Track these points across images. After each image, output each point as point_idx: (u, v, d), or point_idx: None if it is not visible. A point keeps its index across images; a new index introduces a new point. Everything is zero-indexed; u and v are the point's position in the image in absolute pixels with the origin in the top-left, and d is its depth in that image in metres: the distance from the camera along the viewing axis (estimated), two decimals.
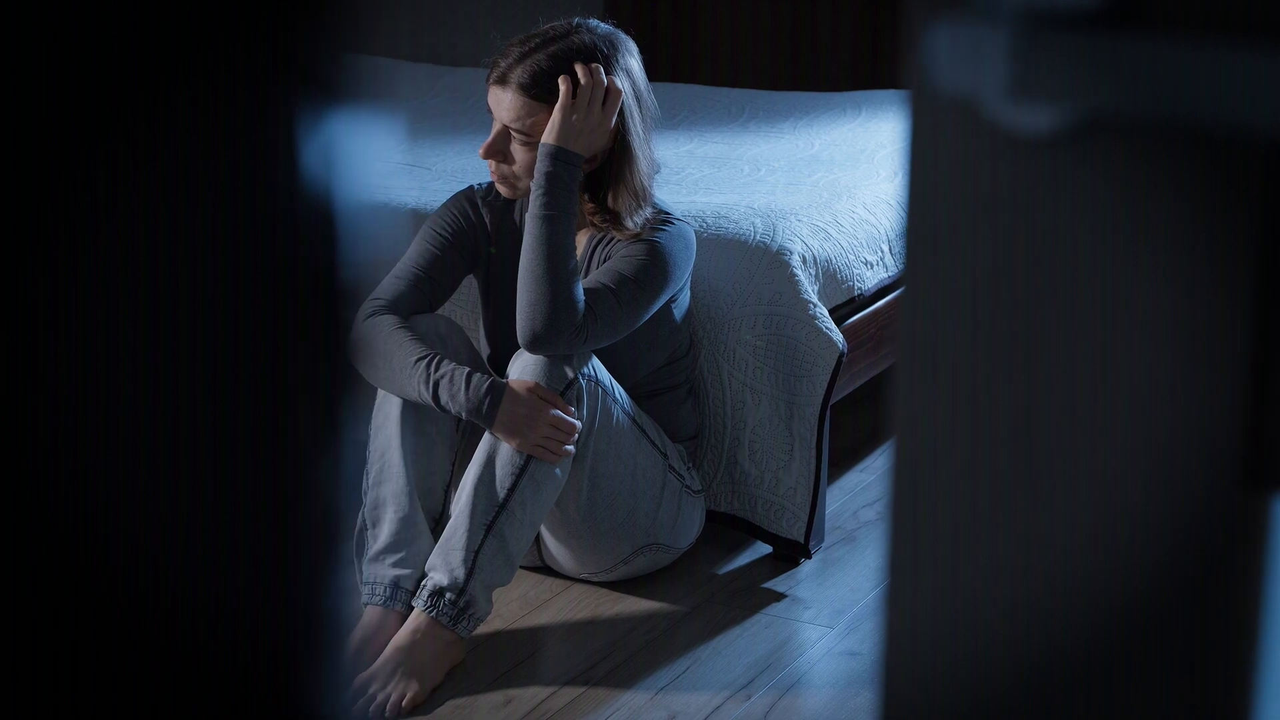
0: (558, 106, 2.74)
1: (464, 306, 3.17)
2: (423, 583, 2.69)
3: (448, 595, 2.66)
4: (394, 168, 3.67)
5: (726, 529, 3.16)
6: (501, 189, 2.86)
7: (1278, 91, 0.72)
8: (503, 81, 2.80)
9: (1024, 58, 0.75)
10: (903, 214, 0.81)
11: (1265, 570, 0.78)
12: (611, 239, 2.86)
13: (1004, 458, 0.81)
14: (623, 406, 2.84)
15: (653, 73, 4.95)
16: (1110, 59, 0.74)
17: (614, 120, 2.79)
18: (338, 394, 0.45)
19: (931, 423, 0.81)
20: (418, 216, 3.23)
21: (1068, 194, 0.78)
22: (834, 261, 3.17)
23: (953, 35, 0.76)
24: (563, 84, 2.75)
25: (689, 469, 2.99)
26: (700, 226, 3.12)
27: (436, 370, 2.70)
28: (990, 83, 0.76)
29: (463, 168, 3.63)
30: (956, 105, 0.79)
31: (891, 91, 4.31)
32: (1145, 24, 0.75)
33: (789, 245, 3.07)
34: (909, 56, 0.78)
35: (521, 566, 3.01)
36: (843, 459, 3.56)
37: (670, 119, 4.01)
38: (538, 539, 2.95)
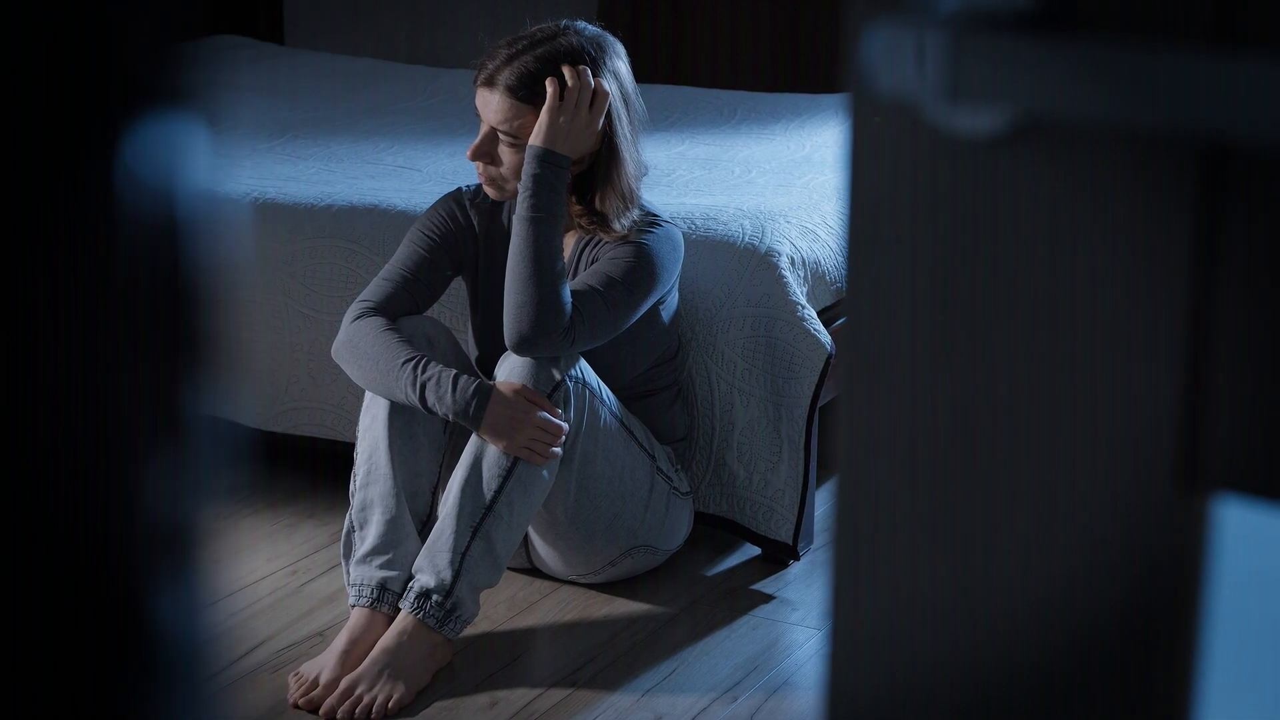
0: (545, 108, 2.75)
1: (452, 308, 3.17)
2: (409, 584, 2.69)
3: (434, 597, 2.66)
4: (384, 169, 3.67)
5: (715, 531, 3.16)
6: (489, 191, 2.86)
7: (1211, 93, 0.72)
8: (490, 83, 2.80)
9: (960, 60, 0.75)
10: (844, 216, 0.82)
11: (1205, 571, 0.78)
12: (599, 241, 2.86)
13: (946, 458, 0.81)
14: (610, 408, 2.84)
15: (646, 74, 4.96)
16: (1046, 61, 0.74)
17: (601, 122, 2.79)
18: (175, 397, 0.45)
19: (875, 424, 0.82)
20: (407, 218, 3.23)
21: (1007, 195, 0.78)
22: (822, 263, 3.18)
23: (890, 37, 0.76)
24: (550, 86, 2.75)
25: (677, 471, 2.99)
26: (689, 228, 3.12)
27: (423, 372, 2.71)
28: (928, 85, 0.76)
29: (454, 169, 3.64)
30: (896, 107, 0.79)
31: None
32: (1080, 26, 0.75)
33: (778, 247, 3.07)
34: (848, 59, 0.79)
35: (510, 568, 3.01)
36: (831, 461, 3.55)
37: (662, 120, 4.01)
38: (526, 541, 2.95)
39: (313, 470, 3.42)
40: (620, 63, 2.85)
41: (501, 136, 2.80)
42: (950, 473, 0.81)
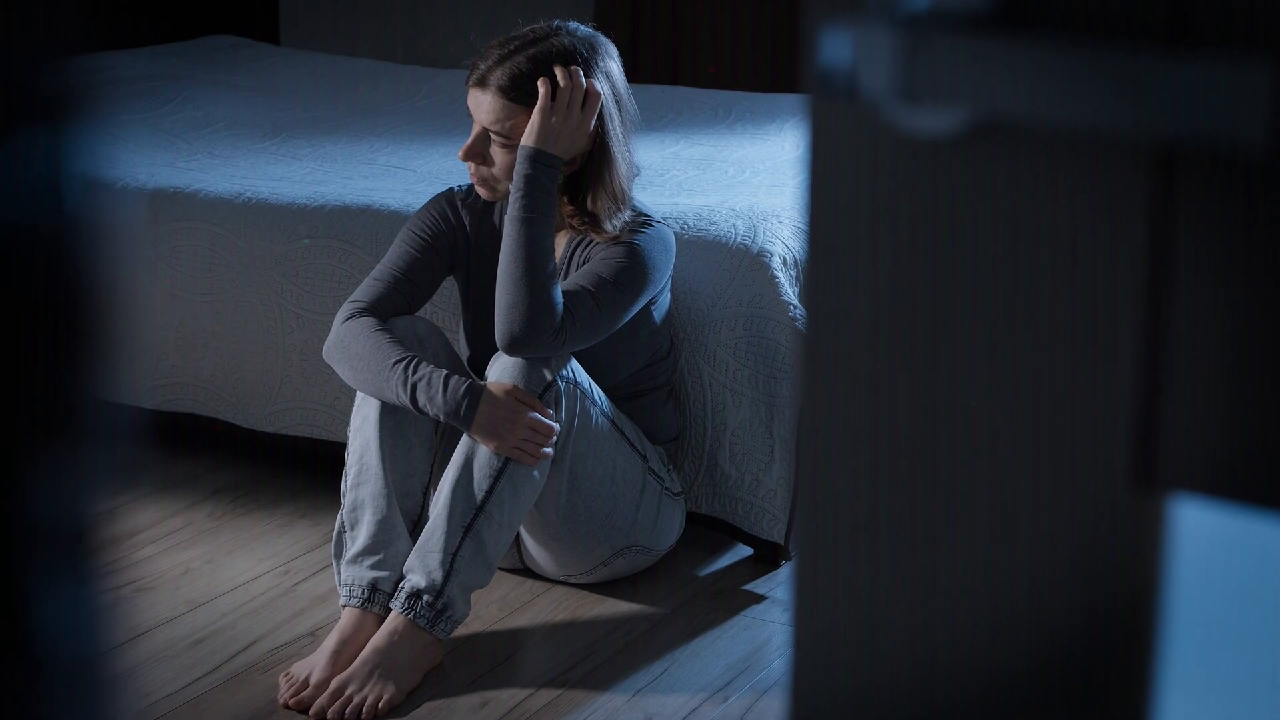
0: (537, 109, 2.75)
1: (444, 308, 3.18)
2: (400, 585, 2.69)
3: (425, 597, 2.66)
4: (378, 170, 3.67)
5: (707, 531, 3.16)
6: (481, 191, 2.86)
7: (1165, 94, 0.72)
8: (482, 84, 2.80)
9: (917, 60, 0.75)
10: (804, 216, 0.82)
11: (1163, 572, 0.78)
12: (591, 241, 2.86)
13: (905, 459, 0.81)
14: (601, 409, 2.84)
15: (642, 75, 4.97)
16: (1002, 62, 0.74)
17: (593, 123, 2.79)
18: (63, 393, 0.44)
19: (834, 425, 0.82)
20: (401, 219, 3.23)
21: (964, 196, 0.78)
22: None
23: (848, 37, 0.76)
24: (542, 86, 2.75)
25: (669, 471, 2.99)
26: (681, 228, 3.12)
27: (414, 373, 2.71)
28: (886, 85, 0.76)
29: (448, 169, 3.64)
30: (854, 107, 0.79)
31: None
32: (1035, 27, 0.75)
33: (770, 247, 3.07)
34: (807, 59, 0.79)
35: (501, 568, 3.01)
36: None
37: (657, 121, 4.01)
38: (518, 541, 2.95)
39: (305, 470, 3.43)
40: (612, 63, 2.85)
41: (493, 137, 2.80)
42: (909, 474, 0.81)
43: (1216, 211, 0.73)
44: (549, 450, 2.73)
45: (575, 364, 2.81)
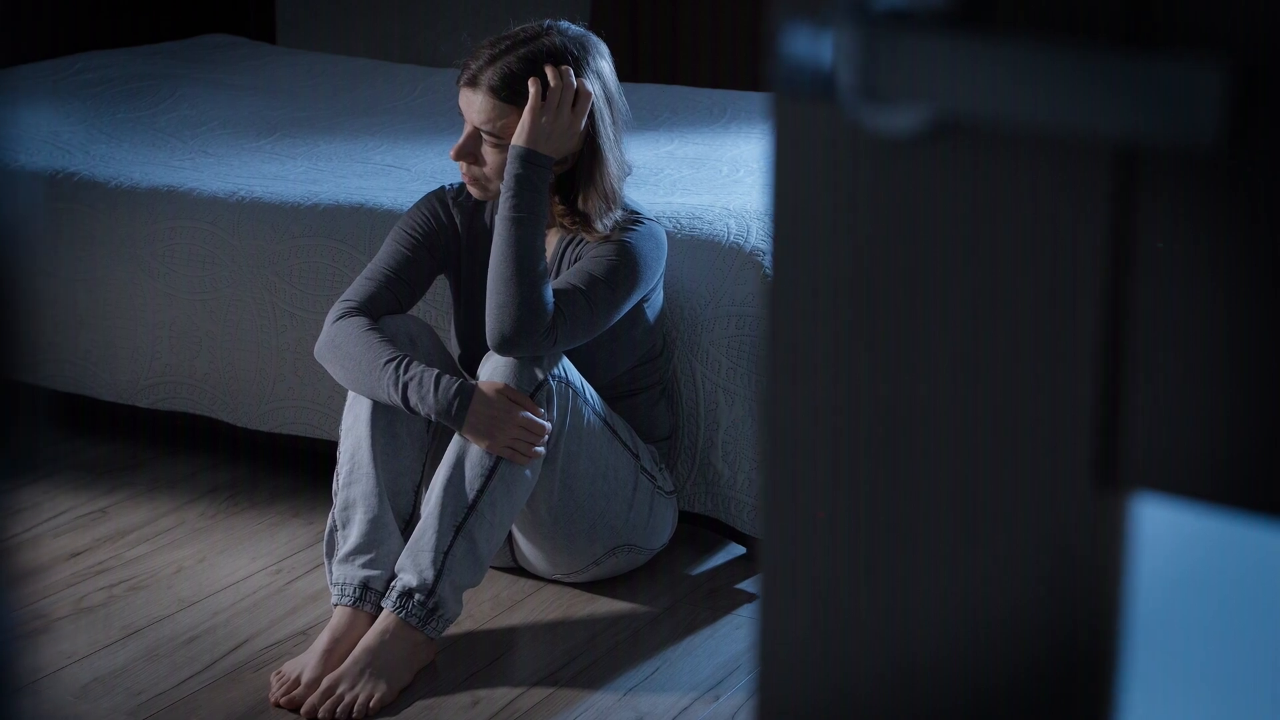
0: (527, 109, 2.75)
1: (436, 306, 3.18)
2: (392, 584, 2.70)
3: (417, 596, 2.66)
4: (372, 168, 3.68)
5: (699, 530, 3.16)
6: (473, 191, 2.87)
7: (1125, 93, 0.72)
8: (473, 84, 2.80)
9: (878, 59, 0.75)
10: (768, 215, 0.82)
11: (1125, 569, 0.78)
12: (582, 240, 2.86)
13: (867, 457, 0.81)
14: (594, 407, 2.84)
15: (637, 74, 4.97)
16: (963, 60, 0.74)
17: (584, 122, 2.79)
18: None
19: (797, 424, 0.82)
20: (394, 217, 3.23)
21: (927, 194, 0.78)
22: None
23: (810, 36, 0.76)
24: (532, 86, 2.75)
25: (661, 470, 2.99)
26: (674, 227, 3.12)
27: (406, 372, 2.71)
28: (849, 84, 0.76)
29: (442, 168, 3.64)
30: (817, 106, 0.79)
31: None
32: (996, 26, 0.76)
33: (763, 246, 3.07)
34: (769, 57, 0.79)
35: (494, 567, 3.01)
36: None
37: (652, 120, 4.01)
38: (510, 540, 2.95)
39: (298, 469, 3.43)
40: (603, 62, 2.85)
41: (485, 136, 2.80)
42: (873, 472, 0.81)
43: (1176, 209, 0.73)
44: (541, 449, 2.73)
45: (567, 363, 2.81)
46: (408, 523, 2.79)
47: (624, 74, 2.91)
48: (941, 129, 0.77)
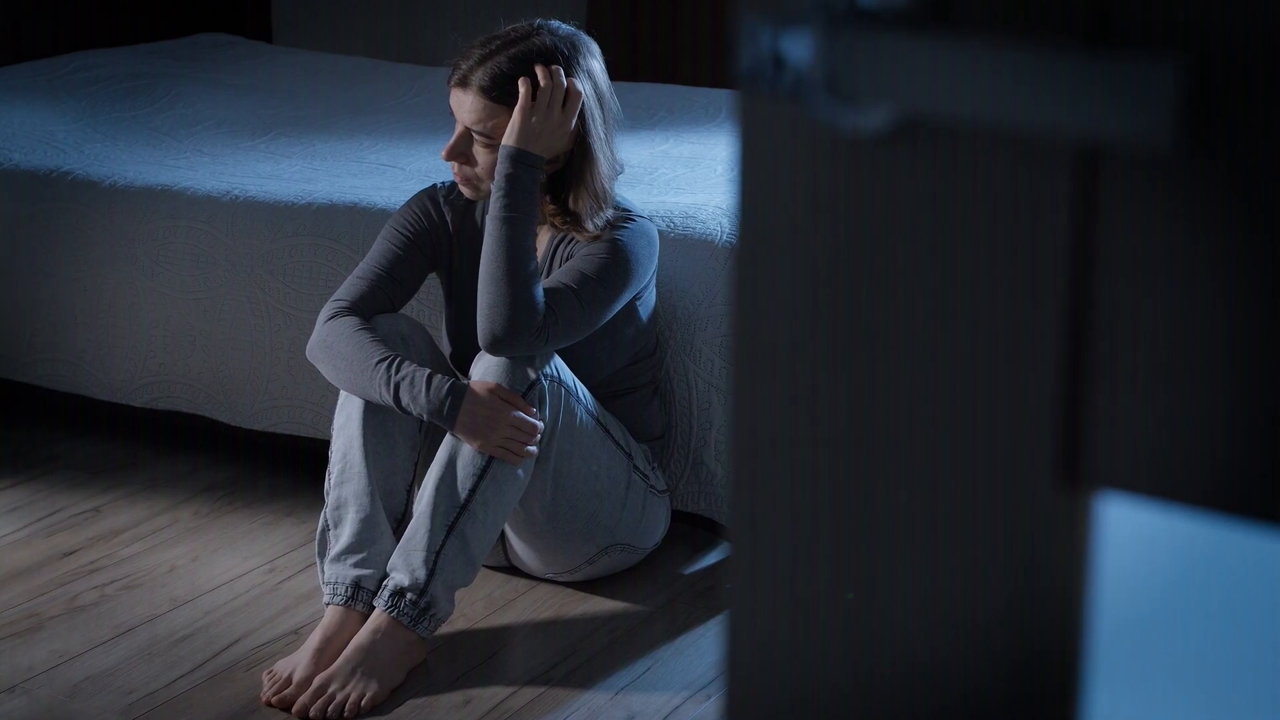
0: (517, 108, 2.75)
1: (428, 305, 3.18)
2: (384, 583, 2.70)
3: (409, 595, 2.67)
4: (367, 168, 3.68)
5: (692, 529, 3.16)
6: (465, 190, 2.87)
7: (1087, 92, 0.72)
8: (464, 84, 2.80)
9: (842, 58, 0.75)
10: (735, 214, 0.82)
11: (1088, 568, 0.78)
12: (573, 239, 2.86)
13: (833, 454, 0.81)
14: (586, 407, 2.84)
15: (634, 73, 4.96)
16: (926, 60, 0.74)
17: (574, 122, 2.79)
18: None
19: (762, 421, 0.82)
20: (388, 216, 3.23)
21: (891, 193, 0.78)
22: None
23: (776, 34, 0.76)
24: (522, 86, 2.75)
25: (654, 469, 2.99)
26: (668, 226, 3.12)
27: (397, 372, 2.71)
28: (813, 82, 0.76)
29: (436, 168, 3.64)
30: (782, 105, 0.79)
31: None
32: (959, 25, 0.76)
33: None
34: (735, 56, 0.79)
35: (487, 566, 3.01)
36: None
37: (648, 119, 4.01)
38: (503, 539, 2.95)
39: (292, 468, 3.43)
40: (594, 62, 2.85)
41: (476, 136, 2.80)
42: (838, 471, 0.81)
43: (1137, 208, 0.74)
44: (533, 449, 2.73)
45: (559, 362, 2.81)
46: (400, 522, 2.79)
47: (621, 73, 2.91)
48: (905, 128, 0.77)
